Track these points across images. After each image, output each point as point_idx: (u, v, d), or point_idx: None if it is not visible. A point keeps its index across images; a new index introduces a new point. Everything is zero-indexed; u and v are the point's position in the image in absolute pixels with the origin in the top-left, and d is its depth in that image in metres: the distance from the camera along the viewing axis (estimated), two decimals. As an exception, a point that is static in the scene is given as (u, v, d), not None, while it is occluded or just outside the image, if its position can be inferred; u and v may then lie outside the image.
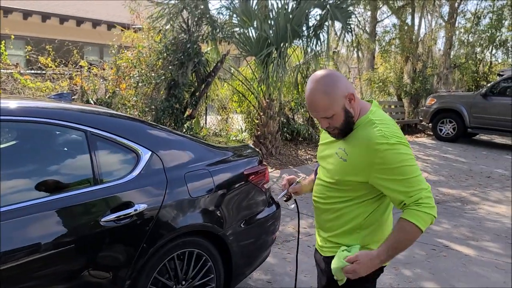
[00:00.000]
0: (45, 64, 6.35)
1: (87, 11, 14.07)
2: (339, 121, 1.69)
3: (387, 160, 1.61)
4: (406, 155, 1.63)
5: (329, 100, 1.64)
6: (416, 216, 1.59)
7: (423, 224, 1.59)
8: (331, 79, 1.66)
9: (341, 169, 1.73)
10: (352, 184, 1.73)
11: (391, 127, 1.69)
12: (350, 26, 8.07)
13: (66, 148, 2.33)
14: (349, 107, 1.68)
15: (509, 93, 10.63)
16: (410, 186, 1.61)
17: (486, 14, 18.25)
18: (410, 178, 1.62)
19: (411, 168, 1.63)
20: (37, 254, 1.98)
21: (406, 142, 1.67)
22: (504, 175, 7.87)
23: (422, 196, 1.60)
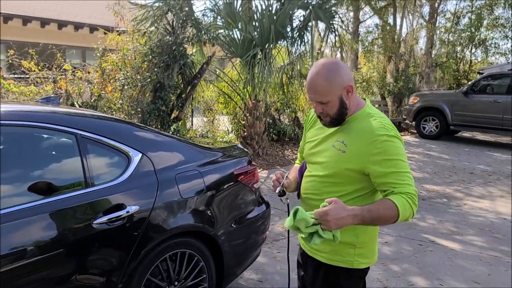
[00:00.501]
0: (29, 68, 6.28)
1: (69, 14, 13.92)
2: (333, 110, 1.73)
3: (384, 151, 1.66)
4: (401, 149, 1.70)
5: (328, 86, 1.68)
6: (404, 205, 1.60)
7: (403, 213, 1.58)
8: (335, 68, 1.70)
9: (339, 160, 1.74)
10: (350, 176, 1.74)
11: (386, 119, 1.76)
12: (334, 27, 8.17)
13: (56, 152, 2.32)
14: (346, 99, 1.72)
15: (489, 90, 10.86)
16: (402, 180, 1.65)
17: (465, 14, 18.61)
18: (403, 173, 1.66)
19: (405, 164, 1.68)
20: (30, 258, 1.97)
21: (398, 134, 1.74)
22: (486, 171, 8.04)
23: (411, 191, 1.64)
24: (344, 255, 1.80)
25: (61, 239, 2.08)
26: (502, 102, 10.26)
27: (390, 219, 1.61)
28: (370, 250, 1.85)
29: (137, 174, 2.43)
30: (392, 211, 1.59)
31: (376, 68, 15.26)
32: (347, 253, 1.80)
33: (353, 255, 1.80)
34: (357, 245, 1.80)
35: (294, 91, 9.90)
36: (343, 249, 1.80)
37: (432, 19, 16.83)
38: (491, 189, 6.80)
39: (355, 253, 1.80)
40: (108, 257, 2.26)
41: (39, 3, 13.77)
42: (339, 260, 1.81)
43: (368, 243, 1.84)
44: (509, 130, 10.33)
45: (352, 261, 1.80)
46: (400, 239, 4.59)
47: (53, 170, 2.23)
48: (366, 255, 1.83)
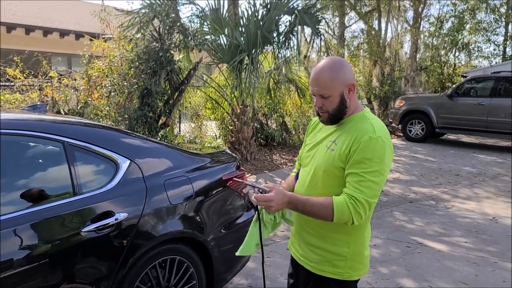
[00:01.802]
0: (14, 75, 6.21)
1: (54, 20, 13.80)
2: (333, 105, 1.75)
3: (360, 149, 1.65)
4: (379, 153, 1.65)
5: (331, 81, 1.71)
6: (341, 206, 1.62)
7: (338, 216, 1.62)
8: (340, 64, 1.74)
9: (329, 159, 1.74)
10: (338, 176, 1.72)
11: (381, 125, 1.75)
12: (320, 32, 8.23)
13: (44, 160, 2.30)
14: (346, 97, 1.75)
15: (473, 93, 11.04)
16: (358, 184, 1.63)
17: (448, 18, 18.94)
18: (364, 177, 1.63)
19: (373, 169, 1.64)
20: (17, 267, 1.95)
21: (390, 142, 1.70)
22: (472, 173, 8.15)
23: (359, 198, 1.62)
24: (335, 266, 1.79)
25: (49, 248, 2.06)
26: (486, 105, 10.44)
27: (323, 217, 1.66)
28: (361, 262, 1.83)
29: (125, 181, 2.42)
30: (327, 211, 1.63)
31: (362, 72, 15.43)
32: (337, 265, 1.78)
33: (343, 267, 1.79)
34: (348, 257, 1.78)
35: (281, 96, 9.95)
36: (333, 260, 1.79)
37: (416, 24, 17.10)
38: (477, 190, 6.90)
39: (346, 265, 1.78)
40: (97, 265, 2.25)
41: (23, 10, 13.64)
42: (330, 272, 1.80)
43: (359, 254, 1.81)
44: (493, 132, 10.50)
45: (342, 273, 1.79)
46: (388, 242, 4.63)
47: (40, 178, 2.21)
48: (357, 267, 1.81)
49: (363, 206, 1.62)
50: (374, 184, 1.63)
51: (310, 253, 1.84)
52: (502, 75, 10.68)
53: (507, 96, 10.31)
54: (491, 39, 20.30)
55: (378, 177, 1.64)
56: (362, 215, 1.63)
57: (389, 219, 5.41)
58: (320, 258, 1.81)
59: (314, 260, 1.83)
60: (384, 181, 1.68)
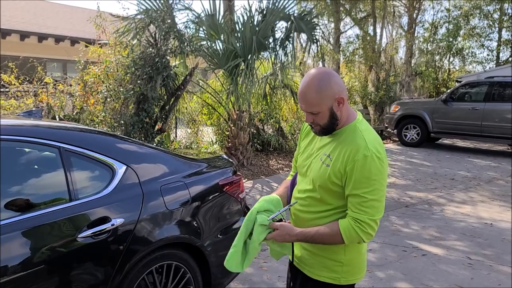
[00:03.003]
0: (9, 81, 6.20)
1: (49, 26, 13.81)
2: (323, 120, 1.71)
3: (356, 170, 1.64)
4: (375, 171, 1.63)
5: (318, 98, 1.67)
6: (348, 230, 1.65)
7: (348, 239, 1.66)
8: (326, 79, 1.67)
9: (324, 174, 1.72)
10: (334, 191, 1.72)
11: (373, 137, 1.71)
12: (315, 37, 8.28)
13: (40, 165, 2.30)
14: (336, 110, 1.70)
15: (468, 98, 11.11)
16: (360, 205, 1.64)
17: (442, 24, 19.08)
18: (364, 198, 1.64)
19: (372, 188, 1.63)
20: (13, 274, 1.94)
21: (383, 155, 1.68)
22: (467, 177, 8.19)
23: (364, 219, 1.63)
24: (332, 271, 1.79)
25: (45, 254, 2.06)
26: (480, 109, 10.51)
27: (334, 242, 1.70)
28: (358, 267, 1.83)
29: (121, 187, 2.42)
30: (336, 238, 1.67)
31: (357, 77, 15.51)
32: (334, 270, 1.79)
33: (340, 272, 1.79)
34: (345, 263, 1.79)
35: (277, 101, 9.98)
36: (330, 265, 1.79)
37: (411, 29, 17.22)
38: (472, 194, 6.93)
39: (343, 270, 1.79)
40: (93, 271, 2.24)
41: (18, 16, 13.64)
42: (326, 276, 1.80)
43: (356, 260, 1.82)
44: (488, 137, 10.57)
45: (339, 278, 1.79)
46: (384, 246, 4.64)
47: (36, 184, 2.21)
48: (353, 271, 1.81)
49: (369, 225, 1.64)
50: (376, 202, 1.65)
51: (307, 257, 1.84)
52: (495, 80, 10.76)
53: (501, 100, 10.39)
54: (485, 45, 20.48)
55: (379, 193, 1.65)
56: (372, 233, 1.66)
57: (385, 223, 5.42)
58: (317, 263, 1.81)
59: (310, 264, 1.84)
60: (384, 194, 1.69)
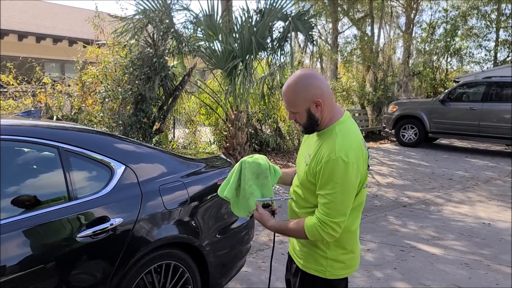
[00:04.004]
0: (7, 82, 6.19)
1: (47, 27, 13.79)
2: (303, 120, 1.81)
3: (322, 171, 1.70)
4: (339, 173, 1.67)
5: (295, 100, 1.76)
6: (311, 229, 1.73)
7: (311, 236, 1.75)
8: (306, 82, 1.74)
9: (304, 172, 1.82)
10: (312, 189, 1.80)
11: (346, 141, 1.72)
12: (313, 38, 8.28)
13: (39, 165, 2.30)
14: (315, 112, 1.77)
15: (465, 98, 11.15)
16: (324, 206, 1.71)
17: (440, 24, 19.13)
18: (327, 199, 1.70)
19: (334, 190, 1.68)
20: (11, 273, 1.94)
21: (351, 160, 1.68)
22: (464, 177, 8.22)
23: (324, 220, 1.70)
24: (318, 264, 1.86)
25: (44, 254, 2.06)
26: (478, 110, 10.54)
27: (301, 237, 1.82)
28: (344, 263, 1.86)
29: (120, 186, 2.43)
30: (301, 235, 1.79)
31: (355, 77, 15.53)
32: (320, 263, 1.85)
33: (325, 266, 1.84)
34: (329, 257, 1.84)
35: (275, 102, 9.98)
36: (316, 258, 1.86)
37: (408, 30, 17.25)
38: (470, 194, 6.95)
39: (327, 264, 1.84)
40: (92, 271, 2.24)
41: (16, 16, 13.62)
42: (313, 269, 1.87)
43: (341, 256, 1.85)
44: (485, 137, 10.60)
45: (324, 271, 1.84)
46: (382, 246, 4.65)
47: (35, 183, 2.22)
48: (339, 266, 1.85)
49: (330, 227, 1.70)
50: (339, 204, 1.69)
51: (298, 249, 1.94)
52: (493, 80, 10.79)
53: (498, 101, 10.43)
54: (482, 45, 20.54)
55: (341, 197, 1.69)
56: (333, 234, 1.71)
57: (383, 223, 5.44)
58: (306, 255, 1.90)
59: (301, 256, 1.92)
60: (350, 197, 1.72)
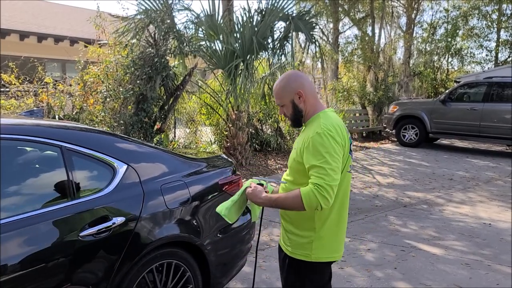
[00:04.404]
0: (9, 81, 6.21)
1: (48, 26, 13.81)
2: (289, 111, 2.11)
3: (310, 145, 1.92)
4: (325, 143, 1.90)
5: (281, 91, 2.10)
6: (308, 194, 1.86)
7: (307, 203, 1.86)
8: (291, 78, 2.10)
9: (292, 156, 2.09)
10: (300, 170, 2.01)
11: (329, 121, 1.99)
12: (314, 38, 8.30)
13: (41, 164, 2.32)
14: (298, 103, 2.08)
15: (466, 98, 11.15)
16: (317, 172, 1.87)
17: (441, 24, 19.12)
18: (319, 166, 1.87)
19: (324, 157, 1.88)
20: (13, 272, 1.95)
21: (335, 134, 1.94)
22: (465, 177, 8.22)
23: (321, 183, 1.84)
24: (304, 249, 2.05)
25: (47, 252, 2.07)
26: (479, 110, 10.54)
27: (296, 207, 1.92)
28: (329, 246, 2.06)
29: (122, 186, 2.44)
30: (297, 200, 1.88)
31: (356, 77, 15.52)
32: (305, 248, 2.05)
33: (310, 249, 2.04)
34: (315, 239, 2.03)
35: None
36: (303, 243, 2.06)
37: (409, 30, 17.25)
38: (471, 194, 6.96)
39: (312, 247, 2.04)
40: (94, 269, 2.25)
41: (17, 16, 13.64)
42: (299, 253, 2.07)
43: (326, 238, 2.05)
44: (486, 137, 10.60)
45: (310, 255, 2.04)
46: (383, 245, 4.66)
47: (38, 182, 2.23)
48: (323, 250, 2.05)
49: (326, 190, 1.84)
50: (331, 170, 1.87)
51: (288, 238, 2.14)
52: (494, 81, 10.79)
53: (499, 101, 10.42)
54: (483, 45, 20.52)
55: (332, 163, 1.88)
56: (328, 198, 1.85)
57: (384, 223, 5.45)
58: (294, 242, 2.09)
59: (290, 244, 2.12)
60: (339, 164, 1.92)
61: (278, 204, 2.00)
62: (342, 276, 3.89)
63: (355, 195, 6.85)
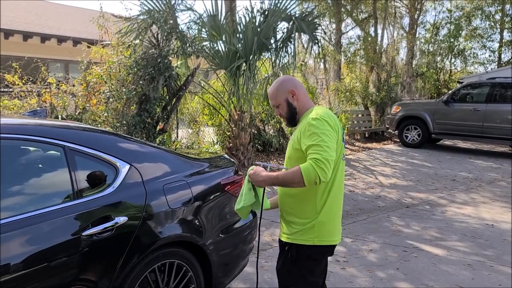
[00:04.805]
0: (12, 81, 6.24)
1: (52, 27, 13.85)
2: (284, 111, 2.30)
3: (306, 129, 2.07)
4: (320, 126, 2.05)
5: (276, 92, 2.29)
6: (306, 168, 1.96)
7: (307, 177, 1.96)
8: (283, 80, 2.33)
9: (290, 145, 2.26)
10: (299, 157, 2.12)
11: (322, 110, 2.17)
12: (317, 38, 8.29)
13: (44, 164, 2.33)
14: (292, 101, 2.27)
15: (469, 99, 11.12)
16: (314, 150, 1.99)
17: (444, 25, 19.08)
18: (316, 145, 2.00)
19: (320, 137, 2.02)
20: (15, 272, 1.96)
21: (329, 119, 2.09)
22: (468, 178, 8.20)
23: (318, 157, 1.96)
24: (306, 234, 2.17)
25: (50, 252, 2.08)
26: (482, 110, 10.52)
27: (296, 182, 2.01)
28: (329, 230, 2.20)
29: (125, 185, 2.45)
30: (297, 174, 1.98)
31: (358, 78, 15.49)
32: (308, 232, 2.17)
33: (312, 233, 2.16)
34: (316, 225, 2.16)
35: (278, 102, 9.97)
36: (305, 229, 2.17)
37: (412, 30, 17.23)
38: (474, 195, 6.94)
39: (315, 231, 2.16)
40: (96, 269, 2.26)
41: (21, 16, 13.69)
42: (302, 239, 2.18)
43: (327, 222, 2.18)
44: (489, 138, 10.57)
45: (312, 239, 2.16)
46: (385, 246, 4.66)
47: (41, 182, 2.24)
48: (324, 234, 2.18)
49: (323, 163, 1.95)
50: (327, 147, 1.99)
51: (289, 228, 2.25)
52: (497, 81, 10.76)
53: (502, 101, 10.39)
54: (487, 46, 20.47)
55: (329, 142, 2.02)
56: (326, 171, 1.95)
57: (386, 224, 5.44)
58: (296, 230, 2.20)
59: (291, 232, 2.22)
60: (334, 143, 2.06)
61: (278, 180, 2.11)
62: (344, 276, 3.89)
63: (357, 196, 6.84)
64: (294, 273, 2.22)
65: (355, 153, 11.03)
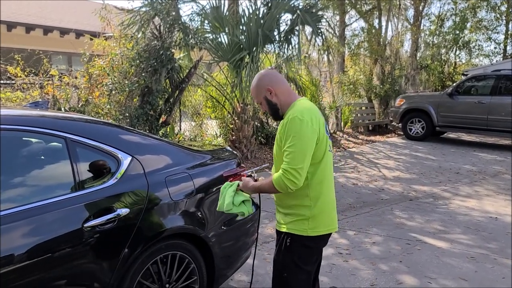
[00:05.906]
0: (15, 74, 6.23)
1: (54, 19, 13.83)
2: (265, 107, 2.34)
3: (283, 131, 2.13)
4: (295, 128, 2.07)
5: (255, 91, 2.33)
6: (277, 179, 2.10)
7: (278, 187, 2.11)
8: (259, 77, 2.31)
9: (275, 144, 2.28)
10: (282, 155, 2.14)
11: (302, 107, 2.17)
12: (320, 30, 8.24)
13: (46, 155, 2.32)
14: (270, 98, 2.28)
15: (474, 92, 11.04)
16: (286, 157, 2.08)
17: (449, 17, 18.91)
18: (287, 151, 2.07)
19: (292, 142, 2.07)
20: (18, 263, 1.96)
21: (306, 118, 2.09)
22: (472, 171, 8.17)
23: (287, 168, 2.06)
24: (300, 225, 2.22)
25: (51, 243, 2.07)
26: (486, 103, 10.44)
27: (273, 190, 2.17)
28: (323, 221, 2.24)
29: (127, 177, 2.44)
30: (271, 185, 2.15)
31: (362, 70, 15.41)
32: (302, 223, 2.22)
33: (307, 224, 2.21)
34: (310, 218, 2.21)
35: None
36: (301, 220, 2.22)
37: (416, 22, 17.08)
38: (478, 188, 6.91)
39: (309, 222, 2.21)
40: (99, 260, 2.26)
41: (23, 9, 13.67)
42: (296, 229, 2.23)
43: (320, 216, 2.22)
44: (494, 131, 10.51)
45: (306, 230, 2.21)
46: (388, 239, 4.64)
47: (42, 173, 2.23)
48: (319, 225, 2.23)
49: (290, 173, 2.05)
50: (297, 153, 2.05)
51: (286, 218, 2.29)
52: (502, 73, 10.67)
53: (507, 94, 10.30)
54: (492, 38, 20.29)
55: (300, 147, 2.05)
56: (293, 180, 2.05)
57: (389, 216, 5.43)
58: (289, 220, 2.26)
59: (285, 222, 2.28)
60: (307, 147, 2.08)
61: (261, 190, 2.26)
62: (347, 269, 3.89)
63: (360, 189, 6.82)
64: (288, 261, 2.26)
65: (359, 146, 11.00)
